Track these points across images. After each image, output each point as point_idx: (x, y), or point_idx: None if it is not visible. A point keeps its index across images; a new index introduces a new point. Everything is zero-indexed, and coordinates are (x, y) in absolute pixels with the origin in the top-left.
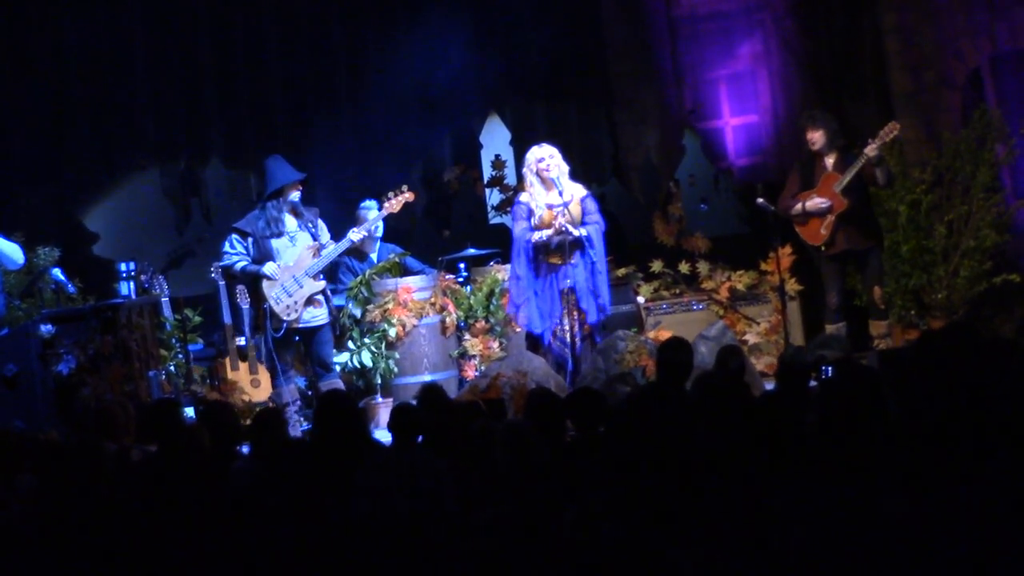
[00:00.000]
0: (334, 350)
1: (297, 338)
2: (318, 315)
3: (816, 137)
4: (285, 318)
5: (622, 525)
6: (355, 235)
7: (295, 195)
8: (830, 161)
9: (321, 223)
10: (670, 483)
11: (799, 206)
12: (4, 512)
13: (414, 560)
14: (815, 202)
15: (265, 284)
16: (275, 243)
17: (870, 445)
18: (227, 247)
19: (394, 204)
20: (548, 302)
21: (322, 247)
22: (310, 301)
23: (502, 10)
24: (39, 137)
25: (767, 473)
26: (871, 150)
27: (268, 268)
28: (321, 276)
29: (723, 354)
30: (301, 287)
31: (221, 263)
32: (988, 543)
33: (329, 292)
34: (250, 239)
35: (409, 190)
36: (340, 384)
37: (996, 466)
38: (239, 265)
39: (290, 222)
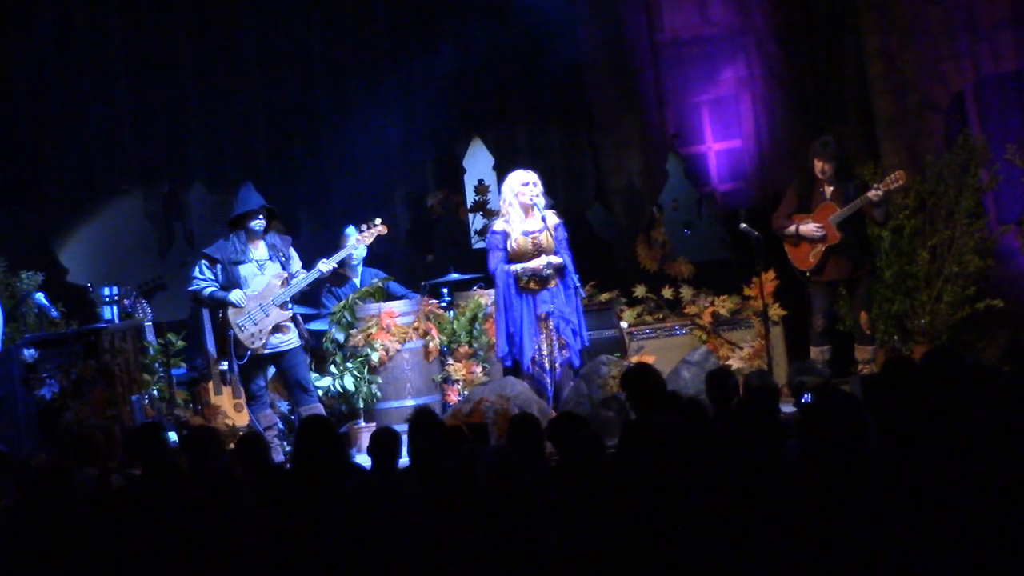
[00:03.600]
0: (313, 373)
1: (271, 365)
2: (286, 339)
3: (828, 168)
4: (249, 346)
5: (603, 551)
6: (324, 266)
7: (256, 223)
8: (829, 190)
9: (293, 252)
10: (652, 509)
11: (793, 228)
12: None
13: None
14: (809, 228)
15: (231, 311)
16: (243, 270)
17: (850, 471)
18: (196, 272)
19: (366, 236)
20: (527, 328)
21: (291, 277)
22: (277, 328)
23: (485, 35)
24: (20, 160)
25: (745, 499)
26: (874, 195)
27: (234, 296)
28: (289, 305)
29: (713, 377)
30: (267, 316)
31: (190, 288)
32: (968, 567)
33: (300, 318)
34: (219, 266)
35: (382, 223)
36: (320, 408)
37: (976, 492)
38: (207, 291)
39: (259, 250)
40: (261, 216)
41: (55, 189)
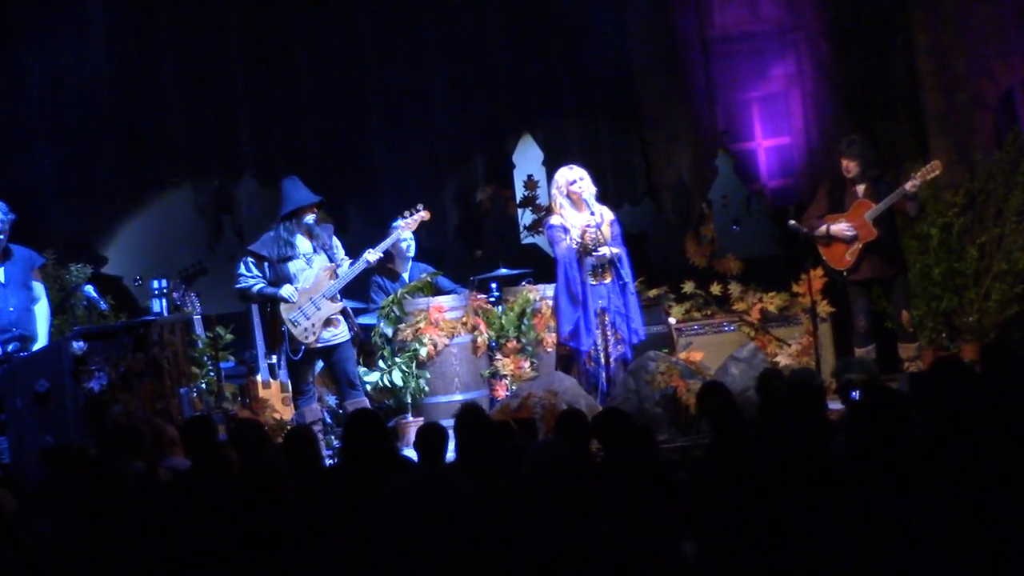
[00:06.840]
0: (361, 368)
1: (320, 359)
2: (338, 333)
3: (852, 166)
4: (303, 341)
5: (649, 544)
6: (371, 256)
7: (310, 217)
8: (860, 188)
9: (336, 241)
10: (698, 503)
11: (824, 228)
12: (31, 530)
13: None
14: (841, 227)
15: (283, 307)
16: (291, 266)
17: (898, 468)
18: (242, 270)
19: (410, 223)
20: (588, 320)
21: (339, 267)
22: (328, 322)
23: (535, 30)
24: (71, 154)
25: (793, 495)
26: (911, 187)
27: (286, 291)
28: (339, 297)
29: (764, 378)
30: (319, 309)
31: (237, 285)
32: (1017, 565)
33: (350, 311)
34: (266, 263)
35: (424, 209)
36: (366, 403)
37: None
38: (256, 287)
39: (304, 244)
40: (314, 210)
41: (105, 182)
